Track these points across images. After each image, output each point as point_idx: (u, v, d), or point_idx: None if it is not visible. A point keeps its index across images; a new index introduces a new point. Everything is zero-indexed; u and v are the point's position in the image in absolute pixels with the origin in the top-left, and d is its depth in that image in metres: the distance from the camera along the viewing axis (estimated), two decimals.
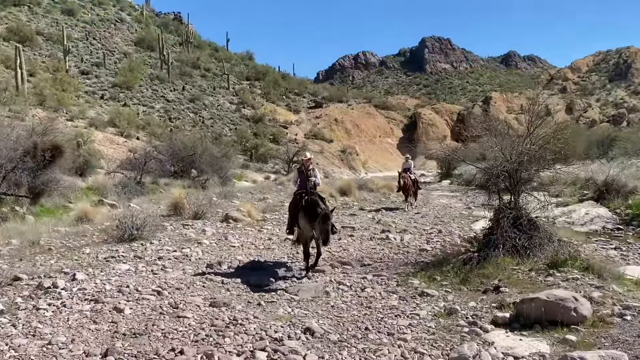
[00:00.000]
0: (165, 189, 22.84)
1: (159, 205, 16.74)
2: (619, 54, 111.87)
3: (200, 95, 61.24)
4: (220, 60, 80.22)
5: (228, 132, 55.49)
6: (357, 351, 4.65)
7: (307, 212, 7.53)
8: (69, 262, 7.93)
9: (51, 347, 4.49)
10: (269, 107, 69.28)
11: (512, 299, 6.03)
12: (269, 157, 51.72)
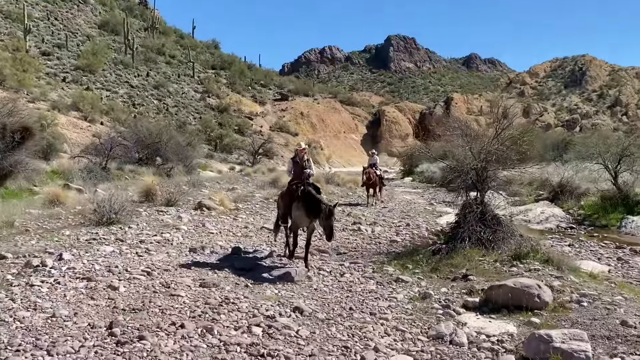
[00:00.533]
0: (131, 175, 22.72)
1: (127, 191, 16.67)
2: (575, 62, 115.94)
3: (165, 82, 60.35)
4: (185, 48, 79.09)
5: (192, 120, 54.98)
6: (345, 328, 5.05)
7: (305, 204, 7.47)
8: (51, 243, 8.02)
9: (55, 319, 4.70)
10: (234, 98, 68.90)
11: (480, 286, 6.56)
12: (234, 148, 51.57)
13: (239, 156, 50.31)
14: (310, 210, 7.36)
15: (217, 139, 51.49)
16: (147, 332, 4.47)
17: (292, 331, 4.80)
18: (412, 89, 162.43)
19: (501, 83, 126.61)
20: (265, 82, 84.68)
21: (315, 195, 7.51)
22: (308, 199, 7.50)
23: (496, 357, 4.47)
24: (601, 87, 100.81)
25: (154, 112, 51.54)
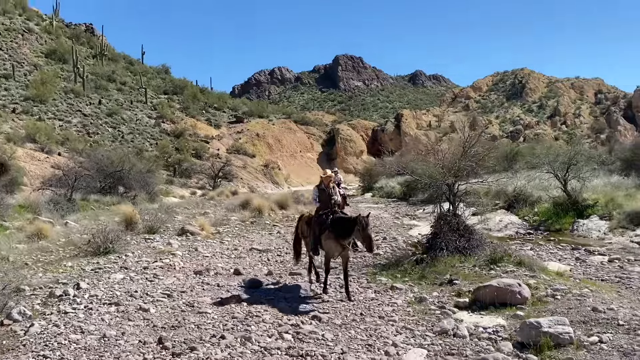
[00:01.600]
0: (96, 205, 22.72)
1: (98, 221, 16.85)
2: (515, 75, 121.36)
3: (118, 110, 59.66)
4: (136, 74, 78.53)
5: (149, 147, 54.58)
6: (362, 330, 5.78)
7: (335, 231, 7.37)
8: (59, 275, 8.37)
9: (107, 339, 5.20)
10: (189, 122, 68.70)
11: (466, 288, 7.42)
12: (193, 172, 51.45)
13: (199, 180, 50.18)
14: (342, 235, 7.28)
15: (176, 164, 51.27)
16: (195, 344, 5.05)
17: (319, 335, 5.49)
18: (362, 106, 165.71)
19: (447, 98, 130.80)
20: (219, 105, 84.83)
21: (345, 216, 7.65)
22: (338, 224, 7.43)
23: (495, 344, 5.30)
24: (540, 99, 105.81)
25: (110, 140, 50.93)
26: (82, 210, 20.97)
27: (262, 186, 56.46)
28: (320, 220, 7.78)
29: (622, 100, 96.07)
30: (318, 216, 7.94)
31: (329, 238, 7.45)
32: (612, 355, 4.65)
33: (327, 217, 7.68)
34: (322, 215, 7.84)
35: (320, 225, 7.71)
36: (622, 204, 15.69)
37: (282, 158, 74.01)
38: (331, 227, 7.45)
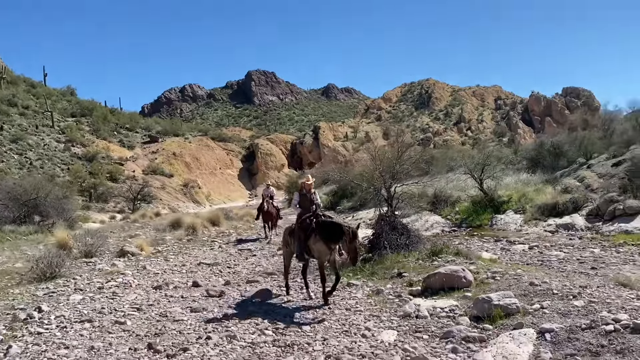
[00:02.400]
0: (12, 236, 21.58)
1: (22, 251, 16.18)
2: (421, 86, 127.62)
3: (23, 135, 56.33)
4: (39, 97, 74.42)
5: (60, 172, 51.95)
6: (334, 321, 6.30)
7: (323, 234, 7.28)
8: (12, 302, 8.17)
9: (96, 350, 5.34)
10: (101, 144, 66.06)
11: (416, 279, 8.15)
12: (110, 196, 49.54)
13: (116, 204, 48.35)
14: (331, 239, 7.20)
15: (91, 188, 49.13)
16: (185, 345, 5.34)
17: (297, 329, 5.95)
18: (278, 120, 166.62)
19: (360, 109, 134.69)
20: (131, 125, 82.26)
21: (334, 221, 7.52)
22: (326, 228, 7.32)
23: (454, 319, 6.01)
24: (446, 107, 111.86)
25: (17, 167, 47.99)
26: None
27: (182, 206, 55.41)
28: (304, 226, 7.66)
29: (519, 105, 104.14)
30: (301, 221, 7.79)
31: (318, 241, 7.35)
32: (553, 316, 5.49)
33: (311, 221, 7.58)
34: (305, 219, 7.74)
35: (305, 230, 7.59)
36: (533, 198, 17.37)
37: (201, 176, 72.87)
38: (319, 231, 7.35)
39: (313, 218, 7.67)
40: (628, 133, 23.28)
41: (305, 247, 7.58)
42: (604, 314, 5.25)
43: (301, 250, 7.66)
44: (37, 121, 64.78)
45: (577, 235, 13.77)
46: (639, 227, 13.24)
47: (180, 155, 74.28)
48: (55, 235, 15.52)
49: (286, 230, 8.42)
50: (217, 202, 64.39)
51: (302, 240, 7.60)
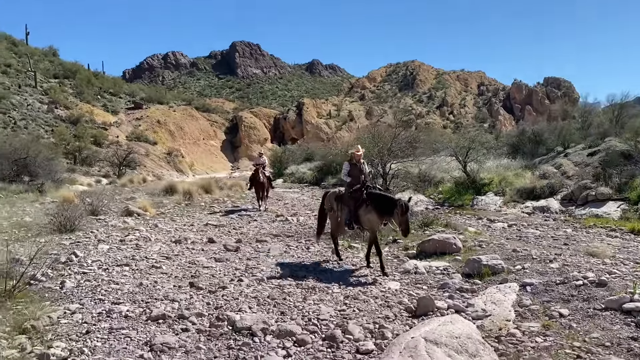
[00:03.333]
0: (4, 194, 22.03)
1: (21, 208, 16.74)
2: (406, 67, 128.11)
3: (6, 94, 55.64)
4: (21, 56, 73.06)
5: (45, 134, 51.68)
6: (343, 272, 7.27)
7: (375, 205, 7.46)
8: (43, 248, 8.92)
9: (145, 286, 6.21)
10: (84, 108, 65.50)
11: (410, 244, 9.16)
12: (94, 160, 49.58)
13: (101, 168, 48.54)
14: (384, 211, 7.37)
15: (75, 151, 49.10)
16: (222, 285, 6.25)
17: (315, 277, 6.92)
18: (261, 94, 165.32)
19: (344, 88, 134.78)
20: (115, 90, 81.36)
21: (386, 194, 7.63)
22: (379, 199, 7.48)
23: (449, 276, 7.03)
24: (430, 90, 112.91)
25: (1, 126, 47.61)
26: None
27: (167, 174, 55.61)
28: (355, 195, 7.85)
29: (501, 92, 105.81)
30: (352, 191, 7.96)
31: (369, 212, 7.55)
32: (533, 275, 6.55)
33: (362, 192, 7.78)
34: (356, 190, 7.90)
35: (355, 200, 7.79)
36: (513, 182, 18.54)
37: (185, 146, 72.94)
38: (371, 201, 7.54)
39: (364, 189, 7.83)
40: (604, 126, 24.63)
41: (355, 216, 7.80)
42: (575, 273, 6.33)
43: (350, 219, 7.92)
44: (19, 80, 63.82)
45: (552, 217, 14.94)
46: (608, 212, 14.47)
47: (165, 123, 74.10)
48: (61, 193, 16.12)
49: (332, 195, 8.65)
50: (200, 172, 64.72)
51: (353, 210, 7.83)
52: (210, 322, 4.99)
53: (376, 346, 4.46)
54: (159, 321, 5.00)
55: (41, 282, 6.66)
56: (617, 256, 7.51)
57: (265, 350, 4.37)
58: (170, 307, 5.38)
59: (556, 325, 4.90)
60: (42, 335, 4.79)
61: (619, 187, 15.48)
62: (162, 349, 4.34)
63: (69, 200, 15.22)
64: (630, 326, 4.68)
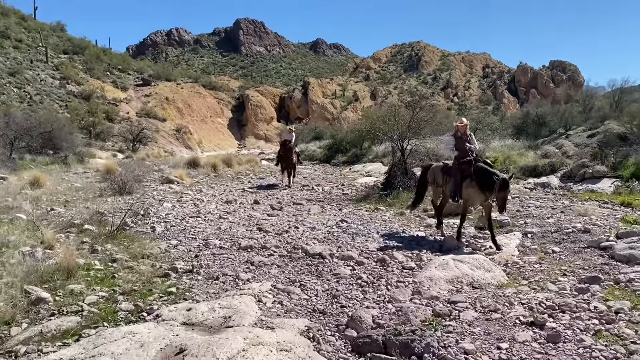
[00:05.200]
0: (34, 164, 23.55)
1: (61, 177, 18.23)
2: (412, 48, 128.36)
3: (20, 69, 56.86)
4: (30, 31, 73.98)
5: (59, 109, 53.06)
6: (378, 224, 8.82)
7: (479, 179, 7.36)
8: (108, 206, 10.47)
9: (223, 230, 7.78)
10: (95, 84, 66.75)
11: (429, 208, 10.69)
12: (108, 135, 50.99)
13: (114, 143, 50.00)
14: (485, 186, 7.22)
15: (90, 127, 50.52)
16: (284, 230, 7.82)
17: (355, 226, 8.46)
18: (265, 72, 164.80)
19: (348, 68, 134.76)
20: (123, 67, 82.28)
21: (489, 169, 7.39)
22: (482, 174, 7.33)
23: (464, 228, 8.57)
24: (435, 71, 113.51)
25: (17, 101, 48.94)
26: (22, 169, 21.85)
27: (177, 150, 57.01)
28: (461, 168, 7.76)
29: (506, 74, 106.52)
30: (459, 164, 7.87)
31: (471, 186, 7.50)
32: (533, 227, 8.13)
33: (470, 165, 7.63)
34: (463, 162, 7.78)
35: (461, 172, 7.71)
36: (516, 160, 20.03)
37: (192, 123, 74.17)
38: (474, 177, 7.46)
39: (473, 163, 7.67)
40: (604, 109, 26.01)
41: (460, 189, 7.77)
42: (567, 225, 7.90)
43: (455, 192, 7.89)
44: (31, 56, 64.95)
45: (551, 192, 16.45)
46: (602, 188, 15.97)
47: (173, 100, 75.24)
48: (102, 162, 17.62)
49: (436, 168, 8.66)
50: (208, 149, 66.04)
51: (458, 183, 7.79)
52: (287, 250, 6.57)
53: (416, 265, 6.05)
54: (248, 250, 6.58)
55: (132, 227, 8.21)
56: (603, 216, 9.07)
57: (335, 267, 5.97)
58: (251, 242, 6.96)
59: (549, 258, 6.47)
60: (161, 260, 6.36)
61: (613, 166, 16.95)
62: (259, 265, 5.93)
63: (112, 169, 16.71)
64: (604, 257, 6.26)
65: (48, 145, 28.34)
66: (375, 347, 3.83)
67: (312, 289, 5.21)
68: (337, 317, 4.53)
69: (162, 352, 3.55)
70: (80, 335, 4.10)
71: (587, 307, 4.62)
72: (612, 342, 3.91)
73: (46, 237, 6.99)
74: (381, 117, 15.54)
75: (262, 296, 4.86)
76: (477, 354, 3.76)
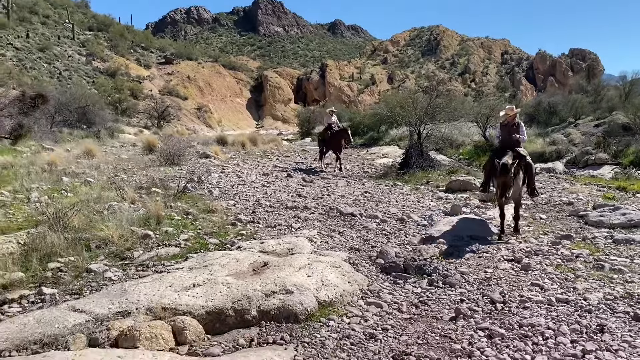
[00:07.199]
0: (71, 138, 25.36)
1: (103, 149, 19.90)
2: (431, 32, 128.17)
3: (49, 44, 58.75)
4: (56, 7, 75.78)
5: (86, 85, 54.97)
6: (396, 196, 10.41)
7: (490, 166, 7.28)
8: (162, 174, 12.14)
9: (269, 194, 9.44)
10: (119, 61, 68.52)
11: (440, 184, 12.25)
12: (134, 112, 52.83)
13: (139, 120, 51.87)
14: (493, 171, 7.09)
15: (116, 103, 52.38)
16: (320, 197, 9.45)
17: (377, 195, 10.07)
18: (282, 53, 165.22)
19: (366, 50, 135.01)
20: (146, 44, 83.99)
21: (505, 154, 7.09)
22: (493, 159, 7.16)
23: (469, 199, 10.13)
24: (453, 56, 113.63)
25: (47, 76, 50.92)
26: (62, 141, 23.65)
27: (198, 129, 58.88)
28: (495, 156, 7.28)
29: (525, 61, 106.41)
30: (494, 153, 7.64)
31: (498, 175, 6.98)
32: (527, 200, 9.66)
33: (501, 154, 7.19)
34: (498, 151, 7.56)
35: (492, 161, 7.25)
36: (526, 147, 21.35)
37: (213, 102, 75.84)
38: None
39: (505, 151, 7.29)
40: (614, 101, 27.17)
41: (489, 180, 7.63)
42: (556, 199, 9.43)
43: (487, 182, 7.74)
44: (58, 32, 66.79)
45: (555, 176, 17.88)
46: (602, 174, 17.35)
47: (194, 79, 76.88)
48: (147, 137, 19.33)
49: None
50: (227, 128, 67.71)
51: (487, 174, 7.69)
52: (325, 210, 8.21)
53: (428, 223, 7.65)
54: (293, 209, 8.25)
55: (192, 191, 9.89)
56: (592, 194, 10.57)
57: (365, 222, 7.61)
58: (295, 203, 8.62)
59: (536, 223, 8.03)
60: (226, 213, 8.03)
61: (615, 154, 18.28)
62: (305, 219, 7.59)
63: (153, 144, 18.44)
64: (580, 223, 7.82)
65: (82, 120, 30.13)
66: (398, 269, 5.47)
67: (349, 235, 6.86)
68: (369, 252, 6.16)
69: (252, 264, 5.20)
70: (186, 258, 5.76)
71: (556, 252, 6.21)
72: (566, 271, 5.50)
73: (129, 194, 8.70)
74: (400, 103, 17.01)
75: (312, 238, 6.51)
76: (470, 274, 5.39)
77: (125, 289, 4.42)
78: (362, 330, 4.07)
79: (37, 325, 3.74)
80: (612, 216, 7.74)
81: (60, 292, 4.70)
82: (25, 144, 18.98)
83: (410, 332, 4.10)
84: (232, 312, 4.19)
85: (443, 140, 24.81)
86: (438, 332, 4.08)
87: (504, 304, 4.59)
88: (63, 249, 5.65)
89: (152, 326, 3.75)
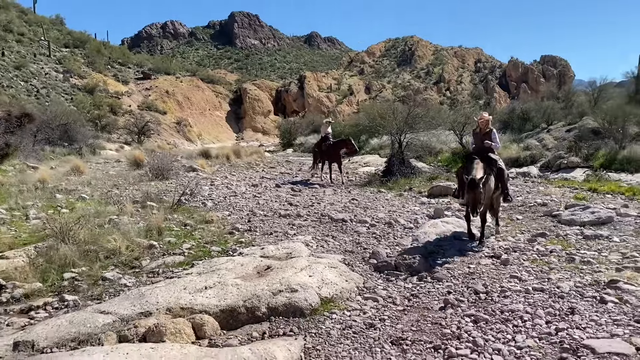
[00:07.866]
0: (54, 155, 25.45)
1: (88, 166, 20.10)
2: (405, 42, 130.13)
3: (25, 63, 58.41)
4: (30, 24, 75.33)
5: (65, 102, 54.71)
6: (380, 203, 10.94)
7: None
8: (154, 188, 12.50)
9: (262, 204, 9.88)
10: (97, 77, 68.33)
11: (423, 190, 12.83)
12: (113, 128, 52.72)
13: (119, 136, 51.77)
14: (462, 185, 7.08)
15: (96, 119, 52.23)
16: (309, 204, 9.93)
17: (365, 202, 10.58)
18: (260, 65, 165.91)
19: (343, 61, 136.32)
20: (124, 60, 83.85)
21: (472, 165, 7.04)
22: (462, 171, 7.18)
23: (449, 204, 10.71)
24: (427, 66, 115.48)
25: (25, 94, 50.60)
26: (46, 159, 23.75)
27: (179, 142, 58.95)
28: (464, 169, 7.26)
29: (497, 69, 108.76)
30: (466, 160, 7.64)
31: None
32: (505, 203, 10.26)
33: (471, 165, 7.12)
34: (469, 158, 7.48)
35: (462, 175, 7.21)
36: (500, 152, 22.11)
37: (192, 116, 75.93)
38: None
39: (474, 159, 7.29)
40: (583, 106, 28.26)
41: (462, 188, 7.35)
42: (531, 201, 10.06)
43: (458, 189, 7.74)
44: (33, 49, 66.39)
45: (530, 180, 18.65)
46: (575, 176, 18.18)
47: (173, 93, 76.93)
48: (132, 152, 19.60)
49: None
50: (207, 142, 67.88)
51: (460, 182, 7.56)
52: (317, 217, 8.69)
53: (414, 226, 8.19)
54: (286, 217, 8.71)
55: (186, 203, 10.28)
56: (564, 196, 11.25)
57: (355, 227, 8.11)
58: (288, 212, 9.08)
59: (513, 223, 8.64)
60: (222, 223, 8.45)
61: (586, 157, 19.15)
62: (299, 226, 8.06)
63: (140, 159, 18.72)
64: (554, 222, 8.45)
65: (64, 137, 30.15)
66: (390, 267, 5.99)
67: (342, 239, 7.36)
68: (362, 254, 6.67)
69: (256, 268, 5.65)
70: (192, 264, 6.18)
71: (532, 248, 6.81)
72: (542, 265, 6.08)
73: (128, 208, 9.07)
74: (380, 113, 17.65)
75: (308, 242, 6.99)
76: (455, 269, 5.94)
77: (142, 293, 4.83)
78: (362, 321, 4.57)
79: (70, 326, 4.15)
80: (582, 215, 8.39)
81: (81, 298, 5.09)
82: (10, 163, 19.09)
83: (405, 321, 4.61)
84: (244, 310, 4.64)
85: (422, 148, 25.55)
86: (430, 320, 4.60)
87: (486, 294, 5.13)
88: (76, 259, 6.02)
89: (175, 322, 4.18)
